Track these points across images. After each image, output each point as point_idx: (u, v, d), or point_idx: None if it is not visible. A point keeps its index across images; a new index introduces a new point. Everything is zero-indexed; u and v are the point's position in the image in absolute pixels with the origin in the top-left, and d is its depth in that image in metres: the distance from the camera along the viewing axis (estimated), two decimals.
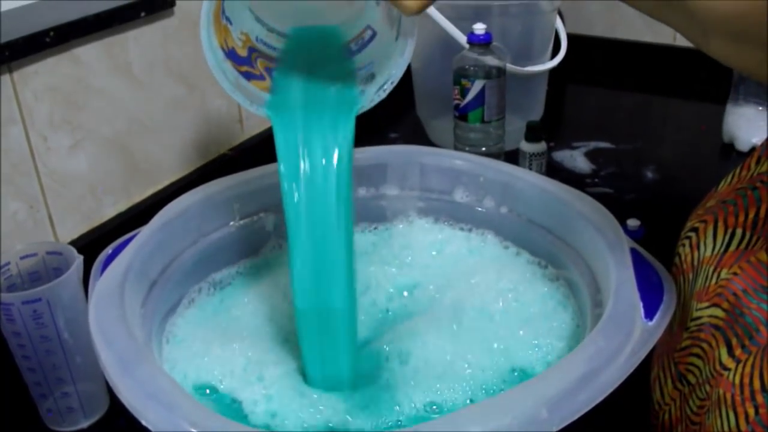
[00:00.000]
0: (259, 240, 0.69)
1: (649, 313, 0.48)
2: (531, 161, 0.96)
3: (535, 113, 1.12)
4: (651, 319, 0.48)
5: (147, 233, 0.59)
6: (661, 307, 0.49)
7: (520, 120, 1.03)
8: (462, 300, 0.62)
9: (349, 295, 0.53)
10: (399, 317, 0.63)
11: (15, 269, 0.65)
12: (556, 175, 0.73)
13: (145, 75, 0.87)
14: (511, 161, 0.87)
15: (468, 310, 0.61)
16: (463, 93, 0.96)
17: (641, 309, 0.48)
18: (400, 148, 0.76)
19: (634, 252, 0.54)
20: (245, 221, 0.67)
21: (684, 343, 0.53)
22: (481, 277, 0.64)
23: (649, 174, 1.02)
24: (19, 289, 0.64)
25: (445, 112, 1.04)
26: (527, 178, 0.67)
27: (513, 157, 0.99)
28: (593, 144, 1.10)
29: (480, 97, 0.95)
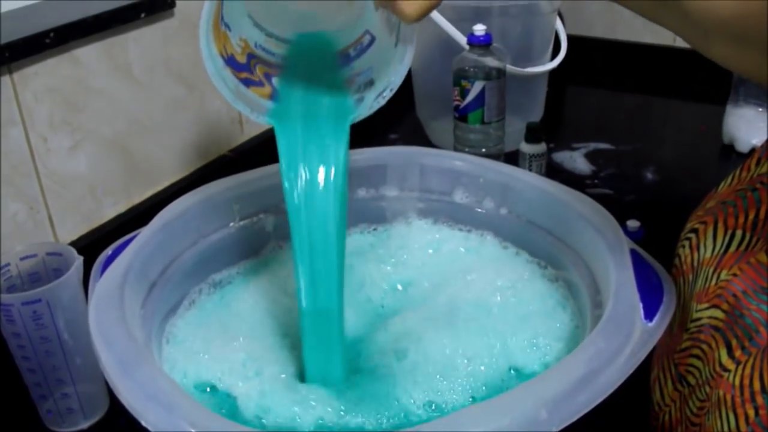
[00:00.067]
0: (259, 241, 0.69)
1: (649, 314, 0.48)
2: (531, 162, 0.96)
3: (535, 114, 1.12)
4: (651, 320, 0.48)
5: (147, 234, 0.59)
6: (661, 308, 0.49)
7: (520, 121, 1.03)
8: (457, 296, 0.62)
9: (341, 295, 0.55)
10: (393, 313, 0.63)
11: (15, 270, 0.65)
12: (556, 176, 0.73)
13: (145, 76, 0.87)
14: (511, 162, 0.87)
15: (463, 305, 0.61)
16: (463, 94, 0.96)
17: (641, 310, 0.48)
18: (399, 149, 0.76)
19: (633, 253, 0.54)
20: (245, 222, 0.67)
21: (684, 345, 0.53)
22: (478, 275, 0.64)
23: (649, 175, 1.02)
24: (19, 290, 0.64)
25: (445, 113, 1.04)
26: (527, 179, 0.67)
27: (513, 158, 0.99)
28: (593, 145, 1.10)
29: (480, 98, 0.95)
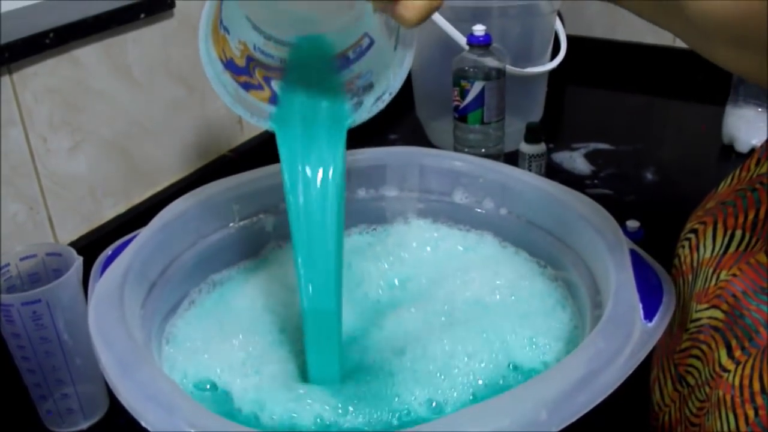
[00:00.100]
0: (259, 241, 0.69)
1: (649, 315, 0.48)
2: (530, 162, 0.96)
3: (535, 115, 1.12)
4: (650, 321, 0.48)
5: (147, 234, 0.59)
6: (661, 309, 0.49)
7: (519, 121, 1.02)
8: (455, 294, 0.62)
9: (340, 296, 0.55)
10: (391, 310, 0.63)
11: (15, 270, 0.65)
12: (555, 177, 0.73)
13: (145, 76, 0.87)
14: (511, 162, 0.87)
15: (462, 303, 0.61)
16: (463, 94, 0.96)
17: (641, 310, 0.48)
18: (399, 149, 0.76)
19: (633, 253, 0.54)
20: (245, 222, 0.67)
21: (683, 345, 0.53)
22: (477, 273, 0.64)
23: (649, 175, 1.02)
24: (19, 291, 0.64)
25: (445, 113, 1.04)
26: (527, 179, 0.67)
27: (512, 159, 0.99)
28: (593, 145, 1.10)
29: (479, 99, 0.95)
